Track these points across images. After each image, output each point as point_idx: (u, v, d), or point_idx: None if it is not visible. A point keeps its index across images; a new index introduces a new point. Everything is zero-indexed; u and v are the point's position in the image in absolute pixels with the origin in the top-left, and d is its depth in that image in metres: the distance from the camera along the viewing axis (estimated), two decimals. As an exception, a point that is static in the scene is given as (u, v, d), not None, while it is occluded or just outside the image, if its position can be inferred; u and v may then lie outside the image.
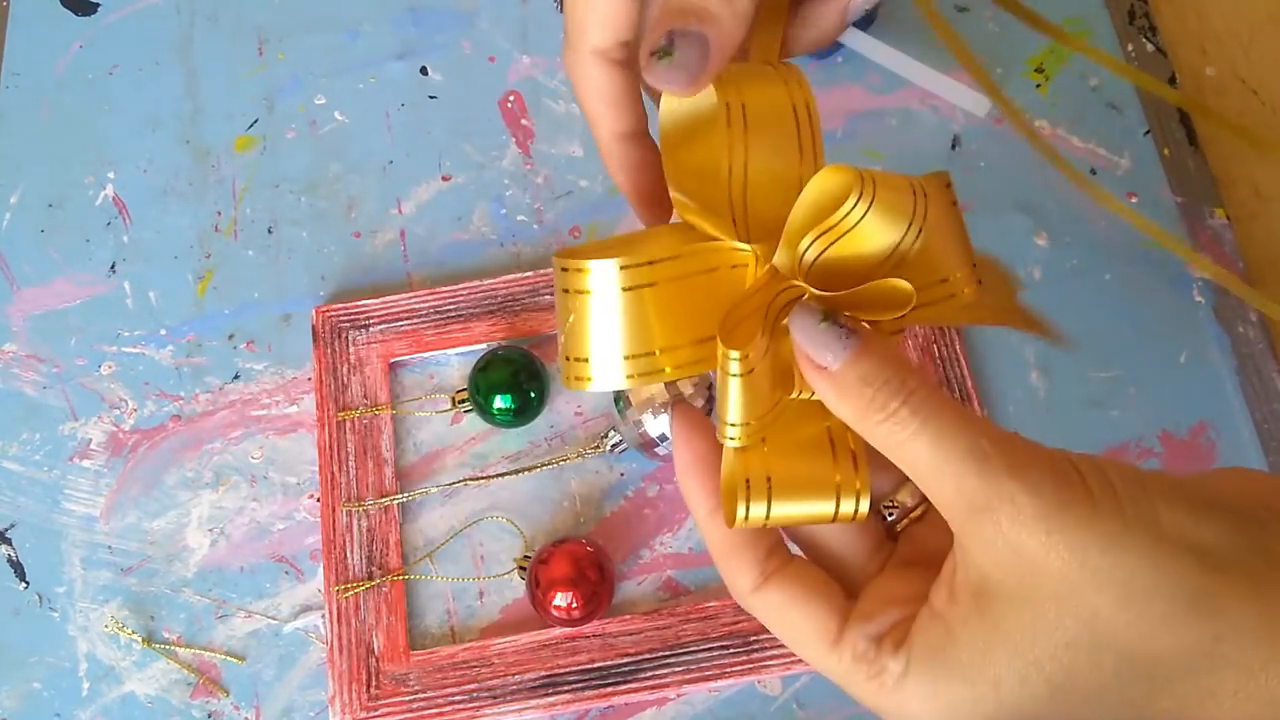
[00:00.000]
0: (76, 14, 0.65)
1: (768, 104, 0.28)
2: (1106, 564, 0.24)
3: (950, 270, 0.28)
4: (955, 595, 0.26)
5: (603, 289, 0.27)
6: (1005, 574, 0.25)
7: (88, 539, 0.52)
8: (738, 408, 0.26)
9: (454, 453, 0.53)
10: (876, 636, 0.27)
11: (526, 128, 0.60)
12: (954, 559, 0.26)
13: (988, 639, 0.25)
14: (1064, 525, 0.24)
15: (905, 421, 0.25)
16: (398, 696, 0.47)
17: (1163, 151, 0.57)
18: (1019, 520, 0.24)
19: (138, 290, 0.58)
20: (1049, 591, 0.24)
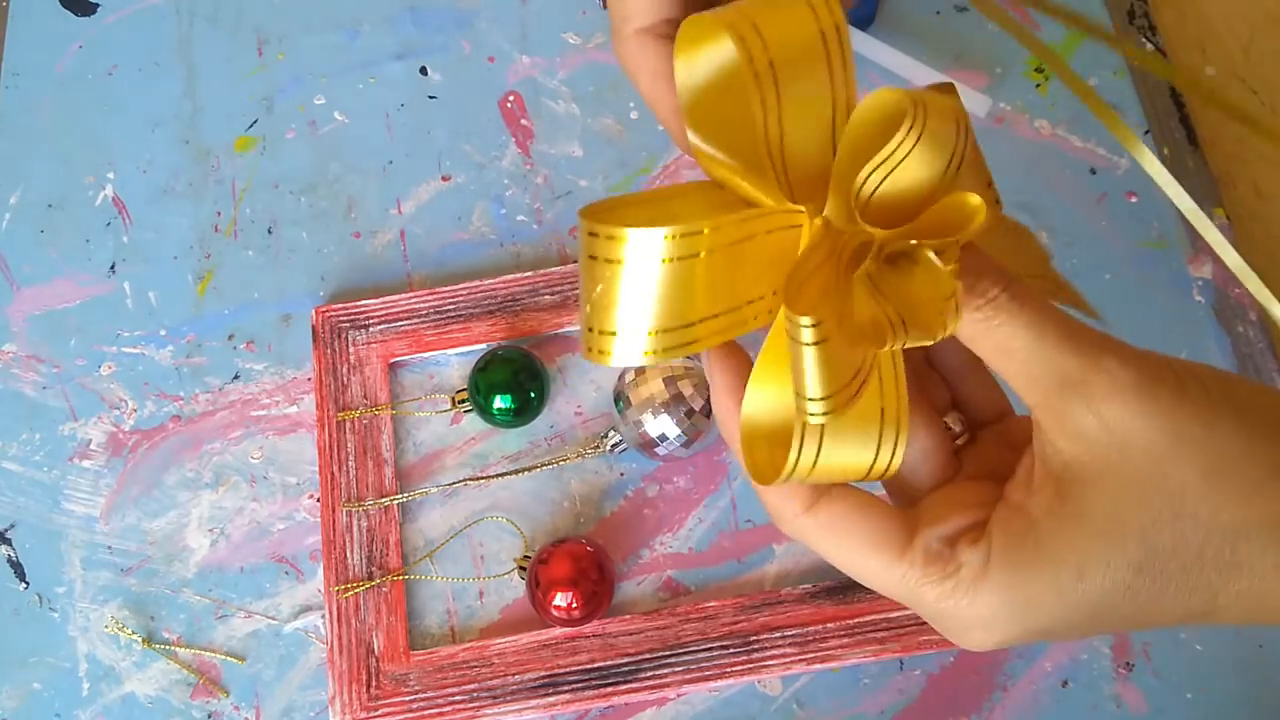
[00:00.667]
0: (76, 14, 0.66)
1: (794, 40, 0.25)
2: (1199, 434, 0.24)
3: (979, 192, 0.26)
4: (1036, 487, 0.26)
5: (641, 260, 0.24)
6: (1091, 455, 0.25)
7: (88, 539, 0.52)
8: (819, 381, 0.24)
9: (454, 453, 0.53)
10: (950, 537, 0.27)
11: (526, 128, 0.60)
12: (1031, 455, 0.27)
13: (1071, 525, 0.25)
14: (1157, 396, 0.24)
15: (1004, 305, 0.25)
16: (398, 697, 0.47)
17: (1162, 151, 0.57)
18: (1113, 391, 0.24)
19: (137, 290, 0.58)
20: (1136, 468, 0.25)
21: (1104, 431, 0.25)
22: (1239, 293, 0.53)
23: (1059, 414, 0.25)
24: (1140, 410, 0.24)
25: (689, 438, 0.48)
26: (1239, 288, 0.54)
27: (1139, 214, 0.55)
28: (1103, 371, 0.25)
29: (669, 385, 0.48)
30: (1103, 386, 0.25)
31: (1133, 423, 0.24)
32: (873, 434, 0.26)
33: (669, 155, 0.59)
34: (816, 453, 0.26)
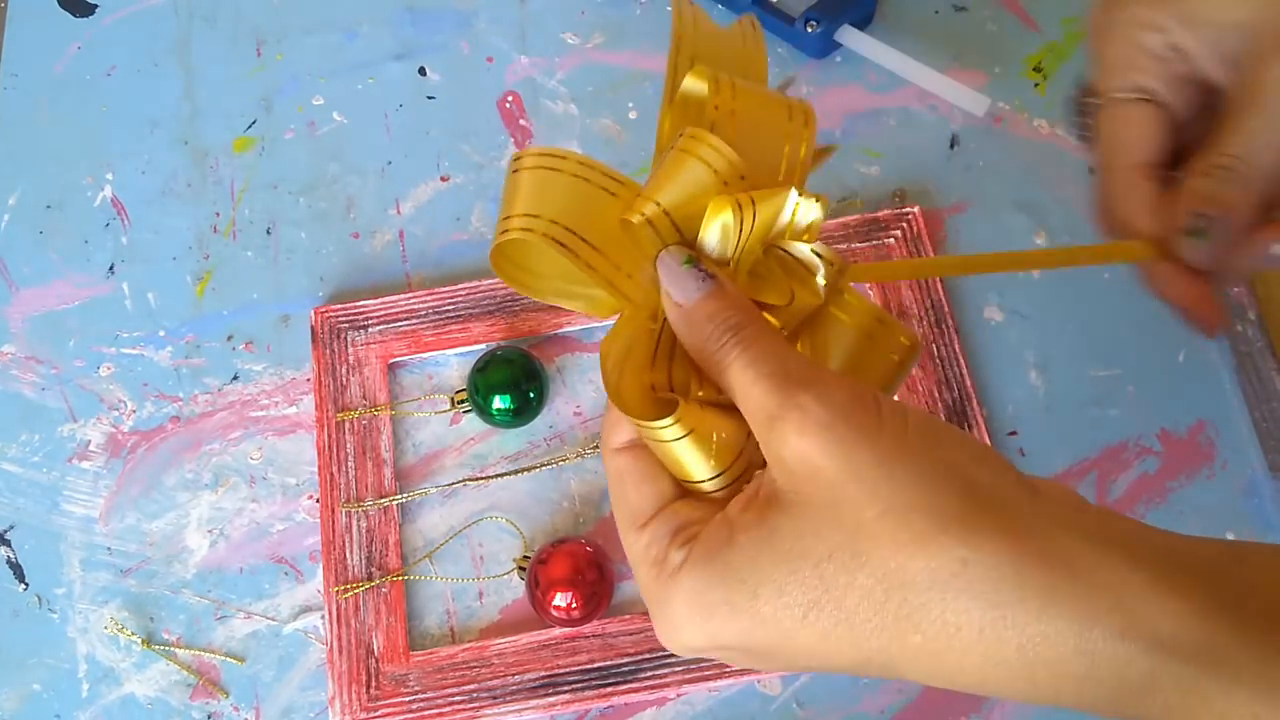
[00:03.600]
0: (74, 15, 0.65)
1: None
2: (879, 476, 0.25)
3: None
4: (748, 504, 0.27)
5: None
6: (789, 482, 0.26)
7: (87, 540, 0.52)
8: (703, 464, 0.28)
9: (453, 453, 0.53)
10: (674, 529, 0.28)
11: (525, 128, 0.60)
12: (759, 474, 0.28)
13: (759, 546, 0.26)
14: (845, 434, 0.25)
15: (730, 349, 0.28)
16: (397, 697, 0.47)
17: (1161, 150, 0.57)
18: (805, 425, 0.26)
19: (136, 291, 0.58)
20: (821, 499, 0.25)
21: (798, 463, 0.26)
22: (1238, 292, 0.53)
23: (766, 445, 0.27)
24: (825, 446, 0.25)
25: (688, 438, 0.48)
26: (1238, 286, 0.54)
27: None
28: (797, 408, 0.26)
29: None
30: (796, 422, 0.26)
31: (819, 458, 0.25)
32: (708, 464, 0.29)
33: (668, 155, 0.59)
34: (675, 439, 0.28)
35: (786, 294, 0.29)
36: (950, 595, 0.24)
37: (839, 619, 0.25)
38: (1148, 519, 0.49)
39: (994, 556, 0.24)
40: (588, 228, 0.29)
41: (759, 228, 0.29)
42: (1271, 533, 0.49)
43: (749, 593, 0.26)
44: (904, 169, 0.57)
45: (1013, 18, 0.61)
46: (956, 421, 0.50)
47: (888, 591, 0.25)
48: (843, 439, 0.25)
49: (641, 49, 0.62)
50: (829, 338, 0.30)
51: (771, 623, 0.26)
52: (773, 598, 0.26)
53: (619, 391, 0.28)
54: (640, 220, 0.28)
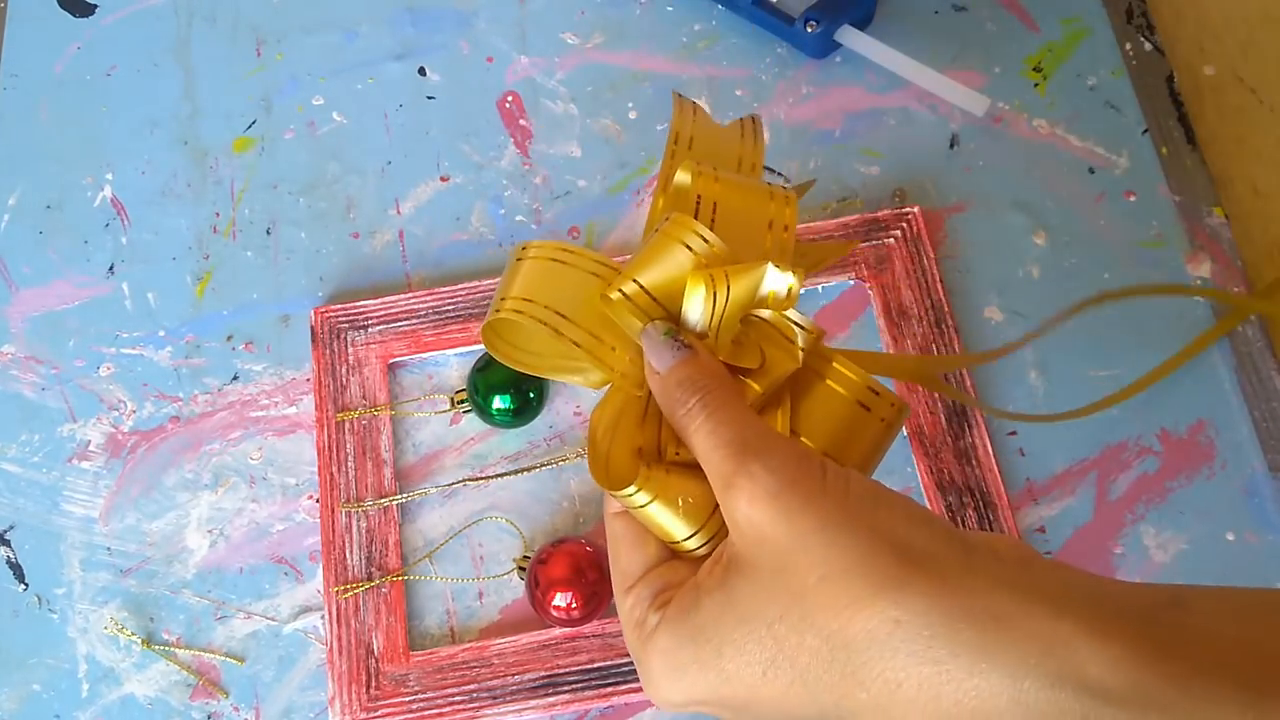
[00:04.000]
0: (74, 15, 0.65)
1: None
2: (819, 542, 0.26)
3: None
4: (713, 567, 0.29)
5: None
6: (745, 546, 0.28)
7: (87, 540, 0.52)
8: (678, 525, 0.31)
9: (453, 453, 0.53)
10: (655, 592, 0.30)
11: (525, 128, 0.60)
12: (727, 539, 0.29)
13: (721, 607, 0.28)
14: (790, 502, 0.27)
15: (694, 415, 0.30)
16: (397, 697, 0.47)
17: (1161, 150, 0.57)
18: (755, 493, 0.27)
19: (136, 291, 0.58)
20: (771, 564, 0.27)
21: (749, 529, 0.27)
22: (1238, 291, 0.53)
23: (724, 509, 0.29)
24: (772, 514, 0.27)
25: (688, 438, 0.48)
26: (1238, 286, 0.54)
27: (1137, 213, 0.55)
28: (748, 475, 0.27)
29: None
30: (746, 489, 0.27)
31: (767, 525, 0.27)
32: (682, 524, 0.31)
33: (668, 155, 0.59)
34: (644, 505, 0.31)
35: (757, 358, 0.32)
36: (888, 654, 0.25)
37: (794, 676, 0.27)
38: (1148, 519, 0.49)
39: (925, 616, 0.25)
40: (577, 310, 0.32)
41: (735, 300, 0.31)
42: (1271, 532, 0.49)
43: (714, 651, 0.28)
44: (904, 169, 0.57)
45: (1012, 18, 0.61)
46: (956, 421, 0.50)
47: (833, 651, 0.26)
48: (788, 507, 0.27)
49: (641, 49, 0.62)
50: (822, 407, 0.32)
51: (736, 679, 0.27)
52: (735, 656, 0.27)
53: (605, 458, 0.31)
54: (618, 297, 0.31)
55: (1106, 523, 0.50)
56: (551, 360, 0.35)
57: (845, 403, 0.33)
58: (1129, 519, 0.50)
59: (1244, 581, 0.48)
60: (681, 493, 0.31)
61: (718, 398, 0.30)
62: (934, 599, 0.25)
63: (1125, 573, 0.49)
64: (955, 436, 0.50)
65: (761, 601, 0.27)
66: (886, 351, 0.37)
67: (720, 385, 0.30)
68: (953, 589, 0.25)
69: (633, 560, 0.32)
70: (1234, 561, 0.49)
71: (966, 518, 0.49)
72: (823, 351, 0.33)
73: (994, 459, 0.50)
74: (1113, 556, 0.49)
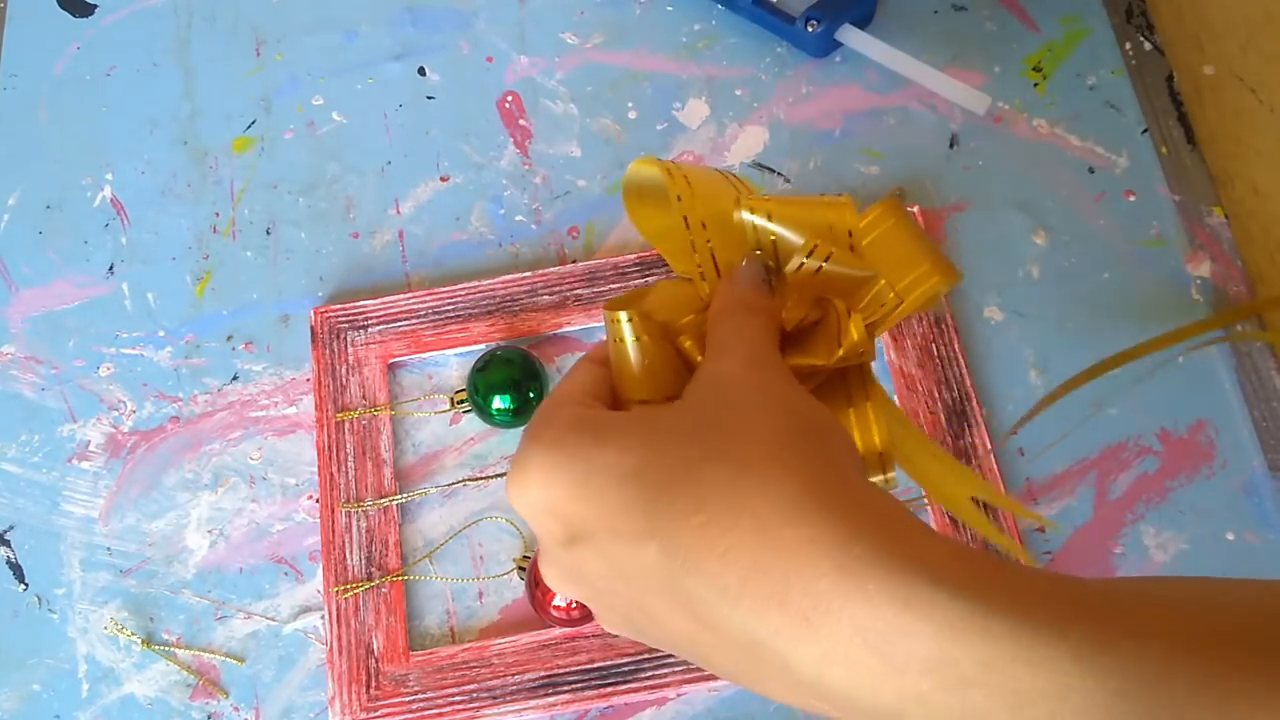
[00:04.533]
0: (74, 15, 0.65)
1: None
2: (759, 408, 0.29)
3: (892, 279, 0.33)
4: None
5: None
6: (689, 391, 0.31)
7: (87, 540, 0.52)
8: (633, 376, 0.33)
9: (453, 453, 0.53)
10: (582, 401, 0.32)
11: (525, 128, 0.60)
12: None
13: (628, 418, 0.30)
14: (761, 374, 0.30)
15: (732, 319, 0.32)
16: (397, 697, 0.47)
17: (1160, 150, 0.57)
18: (738, 352, 0.31)
19: (136, 291, 0.58)
20: (699, 410, 0.29)
21: (705, 374, 0.30)
22: (1237, 291, 0.53)
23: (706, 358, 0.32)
24: (738, 368, 0.30)
25: (688, 437, 0.48)
26: (1238, 286, 0.54)
27: (1137, 213, 0.55)
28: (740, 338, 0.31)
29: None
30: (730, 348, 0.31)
31: (726, 374, 0.30)
32: (636, 378, 0.33)
33: (667, 156, 0.59)
34: (623, 340, 0.33)
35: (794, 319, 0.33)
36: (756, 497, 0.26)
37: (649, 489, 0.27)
38: (1148, 519, 0.49)
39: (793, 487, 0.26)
40: (709, 200, 0.34)
41: (825, 278, 0.32)
42: (1271, 532, 0.49)
43: (595, 440, 0.28)
44: (904, 168, 0.57)
45: (1012, 17, 0.61)
46: (956, 421, 0.50)
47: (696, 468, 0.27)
48: (756, 374, 0.30)
49: (641, 49, 0.62)
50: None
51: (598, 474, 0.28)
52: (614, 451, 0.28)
53: (630, 299, 0.33)
54: (746, 218, 0.33)
55: (1106, 523, 0.50)
56: (664, 228, 0.36)
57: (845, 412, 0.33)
58: (1129, 519, 0.50)
59: (1244, 581, 0.48)
60: (655, 359, 0.32)
61: (760, 324, 0.31)
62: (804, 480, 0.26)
63: (1125, 573, 0.49)
64: (955, 436, 0.50)
65: (670, 415, 0.28)
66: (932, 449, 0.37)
67: (770, 322, 0.32)
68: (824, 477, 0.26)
69: (583, 384, 0.33)
70: (1234, 561, 0.49)
71: (966, 517, 0.49)
72: (866, 382, 0.33)
73: (994, 459, 0.50)
74: (1113, 556, 0.49)
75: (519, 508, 0.30)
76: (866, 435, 0.33)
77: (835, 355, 0.32)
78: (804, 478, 0.25)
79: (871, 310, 0.33)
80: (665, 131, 0.59)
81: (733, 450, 0.26)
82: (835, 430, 0.29)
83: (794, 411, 0.28)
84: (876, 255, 0.33)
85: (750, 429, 0.27)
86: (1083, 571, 0.49)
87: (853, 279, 0.33)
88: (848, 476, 0.26)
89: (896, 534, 0.24)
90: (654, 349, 0.33)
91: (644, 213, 0.36)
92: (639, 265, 0.54)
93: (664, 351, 0.33)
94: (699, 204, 0.34)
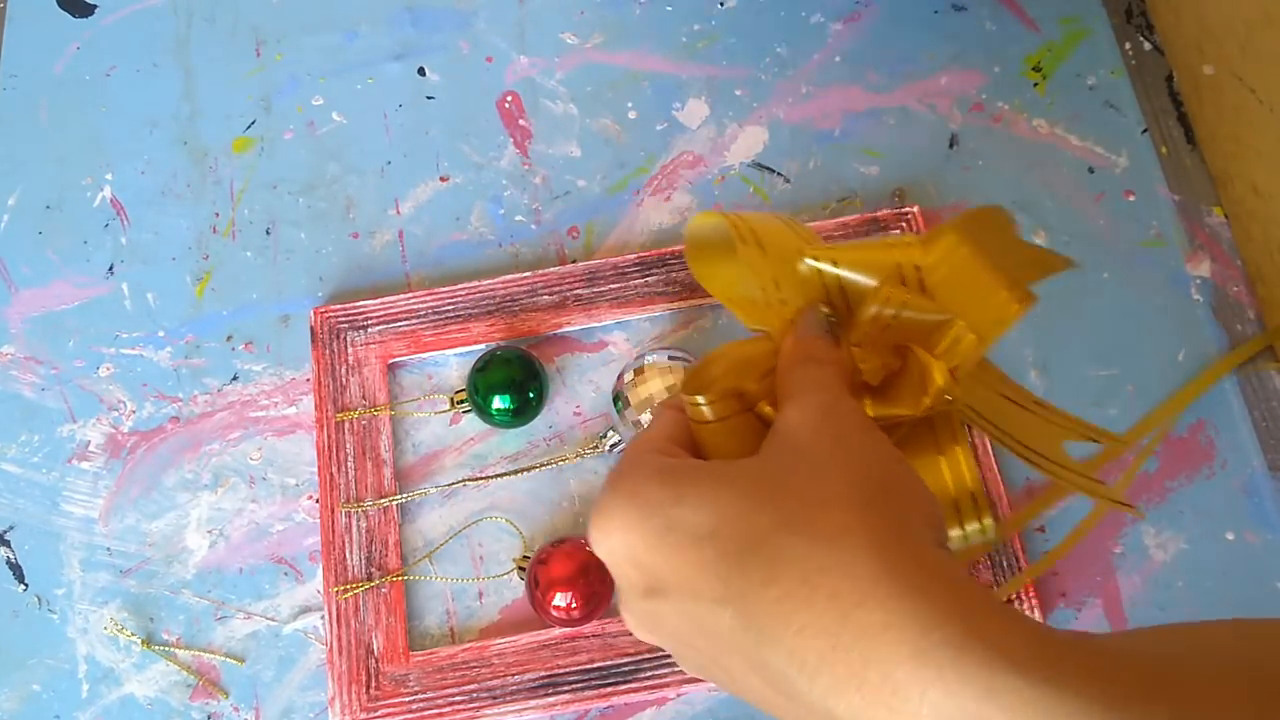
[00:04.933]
0: (74, 15, 0.65)
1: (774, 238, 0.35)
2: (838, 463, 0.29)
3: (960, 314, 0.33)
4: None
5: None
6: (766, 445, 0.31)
7: (86, 541, 0.52)
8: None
9: (453, 453, 0.53)
10: (665, 448, 0.33)
11: (524, 128, 0.60)
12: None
13: (704, 468, 0.30)
14: (836, 424, 0.30)
15: (802, 372, 0.32)
16: (397, 697, 0.47)
17: (1160, 150, 0.57)
18: (808, 402, 0.31)
19: (136, 292, 0.58)
20: (778, 463, 0.29)
21: (784, 425, 0.30)
22: (1237, 291, 0.53)
23: (779, 410, 0.31)
24: (815, 419, 0.29)
25: (688, 437, 0.48)
26: (1237, 286, 0.54)
27: (1137, 213, 0.55)
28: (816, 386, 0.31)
29: (668, 385, 0.48)
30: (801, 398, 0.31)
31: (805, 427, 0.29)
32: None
33: (666, 156, 0.59)
34: (704, 420, 0.33)
35: (878, 377, 0.33)
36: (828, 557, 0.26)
37: (725, 550, 0.27)
38: (1148, 519, 0.49)
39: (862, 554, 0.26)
40: (774, 250, 0.34)
41: (901, 324, 0.32)
42: (1271, 532, 0.49)
43: (674, 496, 0.28)
44: (903, 168, 0.57)
45: (1012, 17, 0.61)
46: (956, 421, 0.50)
47: (773, 541, 0.27)
48: (830, 426, 0.29)
49: (641, 49, 0.62)
50: (921, 469, 0.32)
51: (673, 531, 0.28)
52: (691, 507, 0.28)
53: (705, 370, 0.33)
54: (811, 267, 0.33)
55: (1106, 522, 0.50)
56: (731, 282, 0.36)
57: (940, 490, 0.32)
58: (1129, 519, 0.50)
59: (1243, 580, 0.48)
60: (737, 428, 0.32)
61: (831, 373, 0.31)
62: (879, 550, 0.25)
63: (1125, 572, 0.49)
64: (955, 436, 0.50)
65: (747, 475, 0.28)
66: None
67: (840, 371, 0.31)
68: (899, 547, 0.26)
69: (664, 431, 0.33)
70: (1234, 561, 0.49)
71: (966, 517, 0.49)
72: (954, 427, 0.33)
73: (994, 458, 0.50)
74: (1113, 556, 0.49)
75: (600, 553, 0.30)
76: (959, 478, 0.32)
77: (923, 404, 0.31)
78: (880, 554, 0.25)
79: (951, 353, 0.32)
80: (665, 131, 0.59)
81: (806, 519, 0.26)
82: (911, 489, 0.28)
83: (868, 471, 0.28)
84: (949, 289, 0.32)
85: (824, 493, 0.27)
86: (1082, 571, 0.49)
87: (928, 324, 0.32)
88: (924, 550, 0.26)
89: (973, 616, 0.24)
90: (737, 424, 0.32)
91: (709, 268, 0.36)
92: (639, 265, 0.54)
93: (745, 421, 0.32)
94: (764, 254, 0.33)
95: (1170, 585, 0.48)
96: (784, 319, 0.34)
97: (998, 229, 0.34)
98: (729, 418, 0.32)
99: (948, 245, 0.32)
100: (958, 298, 0.32)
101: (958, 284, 0.32)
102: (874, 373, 0.33)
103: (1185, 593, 0.48)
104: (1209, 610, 0.48)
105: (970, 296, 0.32)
